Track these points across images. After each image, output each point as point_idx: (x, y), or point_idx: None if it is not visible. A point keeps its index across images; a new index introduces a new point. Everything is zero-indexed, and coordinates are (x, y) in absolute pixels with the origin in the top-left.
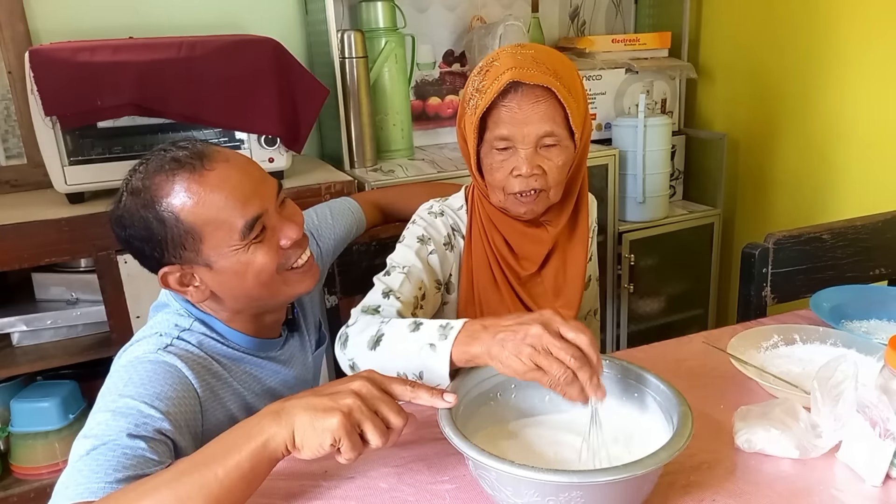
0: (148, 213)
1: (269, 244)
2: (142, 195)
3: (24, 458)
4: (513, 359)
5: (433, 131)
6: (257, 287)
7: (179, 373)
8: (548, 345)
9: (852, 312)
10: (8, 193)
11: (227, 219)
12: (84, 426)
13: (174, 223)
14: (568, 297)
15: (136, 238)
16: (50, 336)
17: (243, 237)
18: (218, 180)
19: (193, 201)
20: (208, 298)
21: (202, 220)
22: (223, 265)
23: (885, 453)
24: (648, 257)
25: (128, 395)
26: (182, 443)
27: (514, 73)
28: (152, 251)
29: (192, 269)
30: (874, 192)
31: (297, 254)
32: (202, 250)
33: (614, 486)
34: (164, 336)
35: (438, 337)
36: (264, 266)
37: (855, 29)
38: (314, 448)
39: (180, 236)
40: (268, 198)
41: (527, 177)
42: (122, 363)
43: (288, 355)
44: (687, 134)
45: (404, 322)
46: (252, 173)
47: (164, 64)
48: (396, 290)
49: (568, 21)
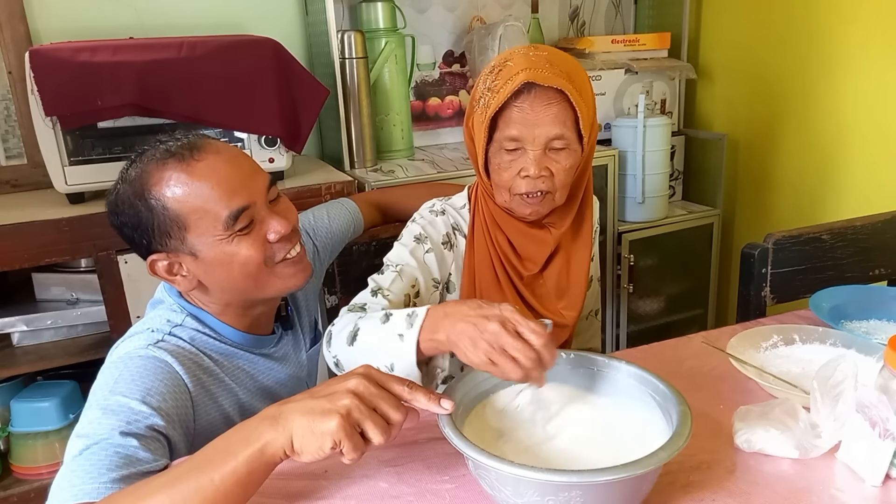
0: (137, 200)
1: (256, 237)
2: (134, 184)
3: (24, 458)
4: (470, 350)
5: (433, 132)
6: (243, 279)
7: (170, 368)
8: (503, 343)
9: (852, 312)
10: (8, 193)
11: (213, 209)
12: (77, 424)
13: (161, 211)
14: (571, 298)
15: (126, 225)
16: (50, 336)
17: (227, 227)
18: (206, 170)
19: (180, 190)
20: (196, 288)
21: (188, 208)
22: (208, 255)
23: (885, 453)
24: (648, 257)
25: (118, 391)
26: (175, 437)
27: (528, 74)
28: (140, 238)
29: (179, 258)
30: (874, 193)
31: (285, 248)
32: (187, 239)
33: (614, 485)
34: (156, 332)
35: (405, 326)
36: (249, 258)
37: (855, 29)
38: (314, 452)
39: (166, 224)
40: (257, 191)
41: (534, 178)
42: (112, 359)
43: (282, 353)
44: (687, 134)
45: (377, 315)
46: (241, 165)
47: (165, 64)
48: (385, 289)
49: (567, 21)
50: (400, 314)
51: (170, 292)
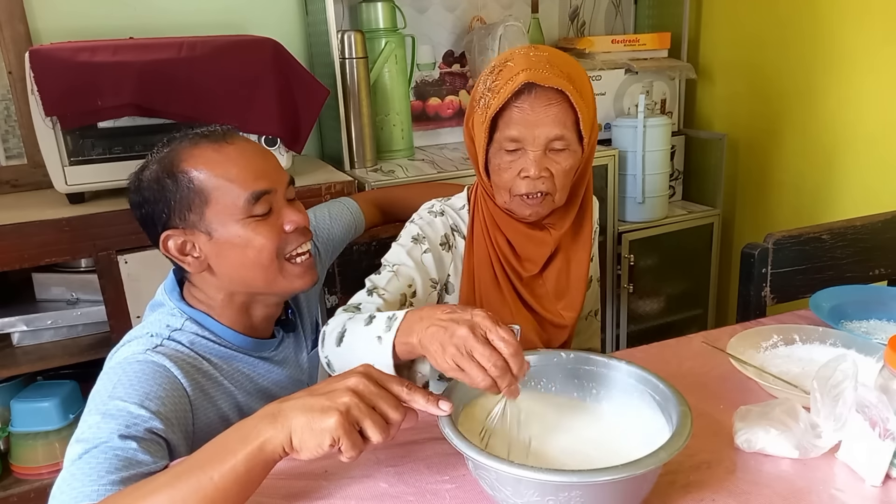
0: (165, 175)
1: (273, 226)
2: (163, 161)
3: (24, 458)
4: (439, 355)
5: (433, 132)
6: (253, 268)
7: (168, 372)
8: (472, 349)
9: (852, 312)
10: (8, 193)
11: (236, 187)
12: (76, 429)
13: (186, 183)
14: (570, 299)
15: (147, 201)
16: (50, 336)
17: (247, 208)
18: (235, 153)
19: (208, 166)
20: (205, 270)
21: (213, 184)
22: (223, 235)
23: (885, 453)
24: (648, 257)
25: (117, 396)
26: (175, 440)
27: (528, 75)
28: (161, 212)
29: (194, 236)
30: (874, 193)
31: (297, 241)
32: (205, 214)
33: (614, 485)
34: (155, 336)
35: (384, 329)
36: (264, 246)
37: (855, 28)
38: (313, 449)
39: (189, 198)
40: (279, 181)
41: (534, 179)
42: (111, 365)
43: (282, 356)
44: (687, 134)
45: (363, 317)
46: (268, 157)
47: (164, 64)
48: (381, 288)
49: (568, 21)
50: (382, 317)
51: (170, 295)
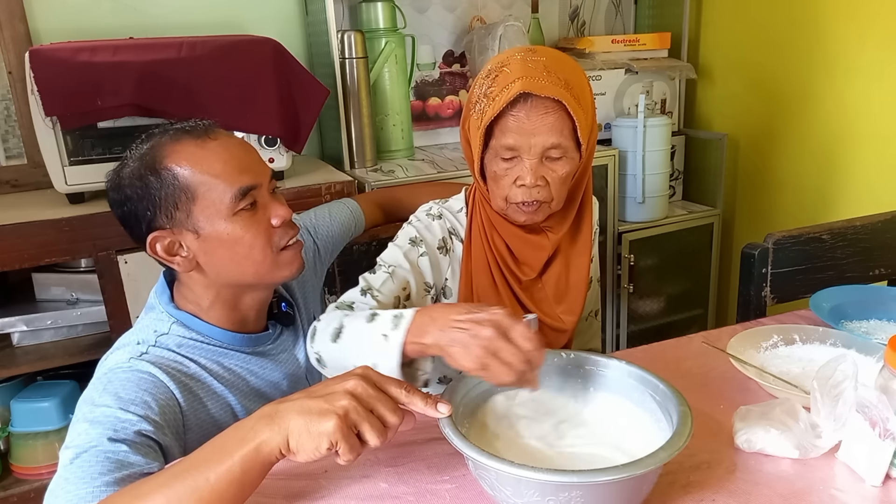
0: (148, 172)
1: (260, 221)
2: (144, 158)
3: (24, 458)
4: (462, 356)
5: (433, 131)
6: (245, 263)
7: (155, 378)
8: (498, 349)
9: (852, 312)
10: (8, 193)
11: (222, 182)
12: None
13: (171, 180)
14: (570, 302)
15: (130, 199)
16: (50, 336)
17: (234, 203)
18: (219, 148)
19: (192, 162)
20: (193, 270)
21: (198, 180)
22: (211, 232)
23: (885, 453)
24: (648, 257)
25: (103, 404)
26: (167, 442)
27: (524, 84)
28: (145, 210)
29: (181, 236)
30: (874, 193)
31: (287, 234)
32: (192, 212)
33: (614, 485)
34: (141, 344)
35: (391, 327)
36: (254, 242)
37: (855, 28)
38: (310, 452)
39: (174, 195)
40: (263, 175)
41: (530, 187)
42: (98, 374)
43: (280, 351)
44: (687, 134)
45: (364, 314)
46: (251, 151)
47: (164, 64)
48: (376, 289)
49: (568, 21)
50: (386, 314)
51: (160, 298)
